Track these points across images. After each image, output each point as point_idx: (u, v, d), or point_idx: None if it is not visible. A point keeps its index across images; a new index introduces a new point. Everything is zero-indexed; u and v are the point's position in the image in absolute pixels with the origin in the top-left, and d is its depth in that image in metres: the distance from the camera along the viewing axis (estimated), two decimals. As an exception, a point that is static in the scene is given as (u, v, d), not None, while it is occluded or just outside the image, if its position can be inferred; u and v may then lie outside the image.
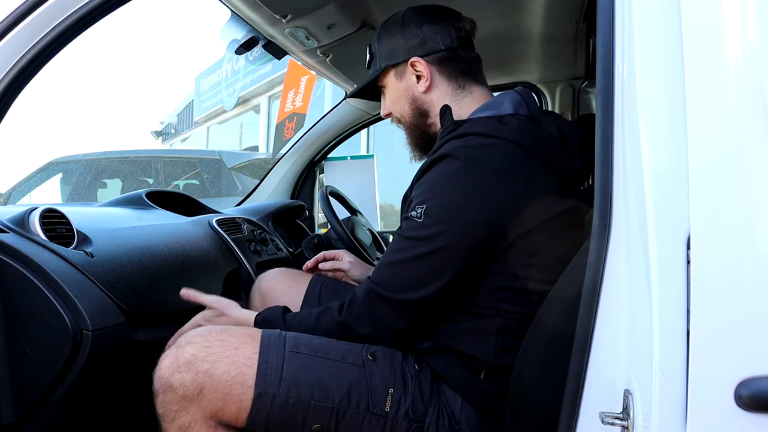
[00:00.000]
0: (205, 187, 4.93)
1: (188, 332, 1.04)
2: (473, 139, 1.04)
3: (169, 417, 0.98)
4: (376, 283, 1.04)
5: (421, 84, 1.18)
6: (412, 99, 1.20)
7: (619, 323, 0.67)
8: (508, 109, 1.11)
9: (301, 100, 7.18)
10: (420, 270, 1.01)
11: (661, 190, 0.63)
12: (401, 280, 1.02)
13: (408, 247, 1.02)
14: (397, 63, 1.19)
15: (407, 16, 1.20)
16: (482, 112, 1.13)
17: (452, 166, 1.01)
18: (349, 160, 2.48)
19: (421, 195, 1.03)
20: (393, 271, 1.04)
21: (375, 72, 1.23)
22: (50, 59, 1.09)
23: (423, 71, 1.17)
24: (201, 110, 13.22)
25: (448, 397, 1.05)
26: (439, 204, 1.00)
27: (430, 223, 1.00)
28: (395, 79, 1.21)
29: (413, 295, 1.01)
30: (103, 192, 4.97)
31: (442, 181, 1.02)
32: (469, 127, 1.07)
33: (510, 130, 1.04)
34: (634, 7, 0.68)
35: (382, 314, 1.04)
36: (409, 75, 1.18)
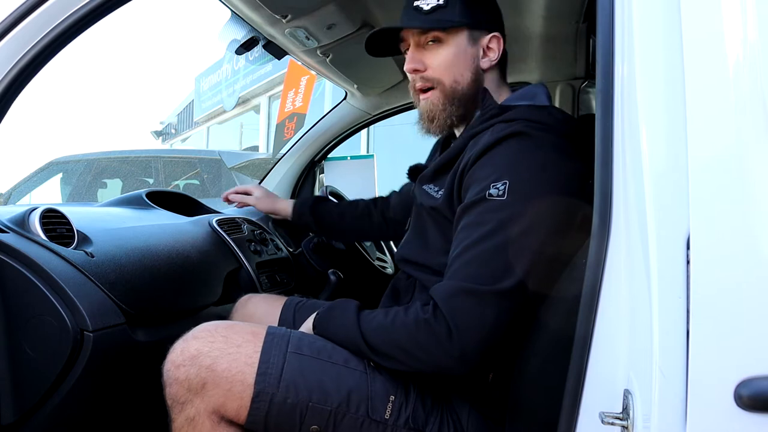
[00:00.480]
0: (205, 187, 4.93)
1: (196, 327, 1.05)
2: (532, 124, 1.01)
3: (177, 408, 1.00)
4: (463, 279, 0.92)
5: (486, 61, 1.13)
6: (475, 70, 1.12)
7: (619, 323, 0.67)
8: (544, 100, 1.11)
9: (301, 100, 7.18)
10: (516, 252, 0.92)
11: (661, 190, 0.63)
12: (496, 268, 0.91)
13: (494, 230, 0.92)
14: (479, 27, 1.11)
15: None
16: (519, 100, 1.11)
17: (528, 143, 0.98)
18: (349, 160, 2.48)
19: (495, 172, 0.96)
20: (482, 261, 0.92)
21: (451, 22, 1.09)
22: (50, 59, 1.09)
23: (495, 50, 1.12)
24: (201, 110, 13.23)
25: (454, 405, 1.04)
26: (524, 179, 0.94)
27: (519, 199, 0.93)
28: (467, 41, 1.11)
29: (509, 282, 0.91)
30: (103, 192, 4.97)
31: (520, 157, 0.97)
32: (518, 113, 1.05)
33: (558, 121, 1.04)
34: (634, 7, 0.68)
35: (473, 315, 0.90)
36: (480, 46, 1.12)
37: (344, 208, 1.71)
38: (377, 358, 0.99)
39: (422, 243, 1.13)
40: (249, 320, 1.36)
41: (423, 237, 1.14)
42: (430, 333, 0.92)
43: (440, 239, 1.08)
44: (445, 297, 0.93)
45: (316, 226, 1.76)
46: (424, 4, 1.10)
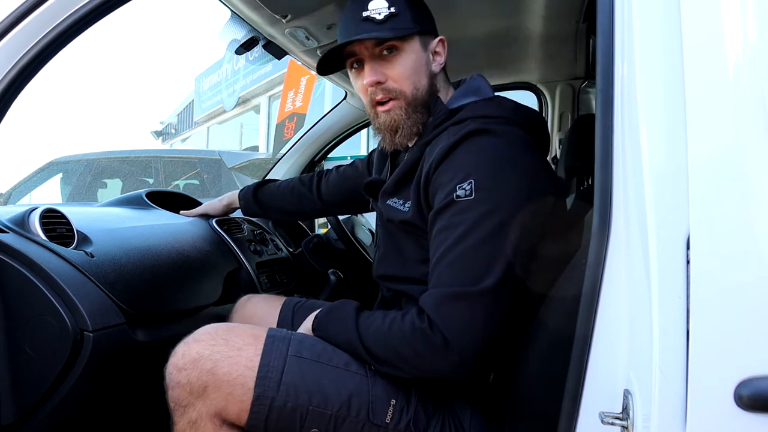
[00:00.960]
0: (205, 187, 4.93)
1: (197, 329, 1.05)
2: (486, 120, 1.01)
3: (179, 411, 1.00)
4: (448, 285, 0.92)
5: (436, 64, 1.13)
6: (430, 74, 1.12)
7: (619, 323, 0.67)
8: (489, 92, 1.11)
9: (301, 100, 7.19)
10: (493, 249, 0.92)
11: (661, 190, 0.63)
12: (478, 268, 0.91)
13: (468, 231, 0.92)
14: (428, 32, 1.12)
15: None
16: (464, 98, 1.10)
17: (489, 140, 0.98)
18: (349, 160, 2.48)
19: (460, 173, 0.96)
20: (462, 264, 0.92)
21: (407, 30, 1.07)
22: (50, 59, 1.09)
23: (442, 53, 1.14)
24: (201, 110, 13.23)
25: (456, 408, 1.04)
26: (489, 176, 0.94)
27: (486, 197, 0.93)
28: (420, 47, 1.10)
29: (492, 279, 0.91)
30: (103, 192, 4.97)
31: (482, 154, 0.97)
32: (470, 111, 1.05)
33: (509, 110, 1.05)
34: (634, 7, 0.68)
35: (464, 318, 0.90)
36: (430, 51, 1.12)
37: (283, 190, 1.73)
38: (375, 363, 0.99)
39: (399, 257, 1.13)
40: (249, 321, 1.36)
41: (399, 251, 1.13)
42: (426, 342, 0.92)
43: (418, 250, 1.08)
44: (434, 306, 0.92)
45: (262, 213, 1.78)
46: (376, 14, 1.07)
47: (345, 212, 1.81)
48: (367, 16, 1.07)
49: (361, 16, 1.08)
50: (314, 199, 1.68)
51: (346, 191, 1.63)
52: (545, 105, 2.33)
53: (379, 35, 1.06)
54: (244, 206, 1.78)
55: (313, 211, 1.73)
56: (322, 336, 1.06)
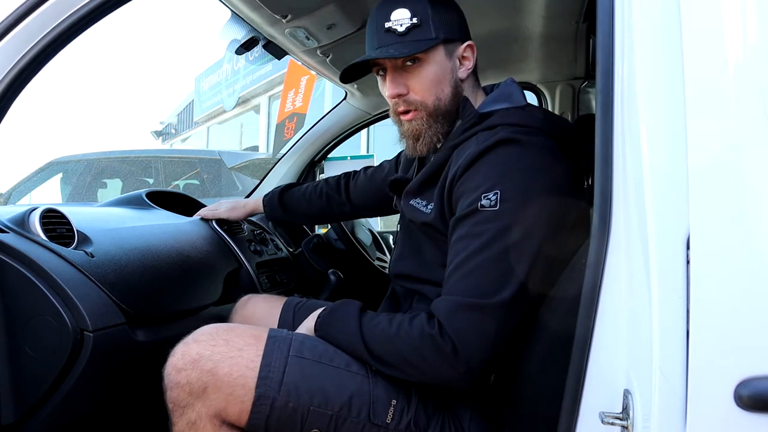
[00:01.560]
0: (205, 187, 4.93)
1: (197, 330, 1.04)
2: (515, 129, 1.00)
3: (178, 412, 0.99)
4: (463, 294, 0.92)
5: (463, 70, 1.10)
6: (455, 83, 1.10)
7: (619, 323, 0.67)
8: (521, 100, 1.10)
9: (301, 100, 7.18)
10: (512, 263, 0.91)
11: (661, 190, 0.63)
12: (495, 281, 0.91)
13: (489, 242, 0.92)
14: (453, 39, 1.09)
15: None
16: (495, 104, 1.09)
17: (516, 150, 0.97)
18: (349, 160, 2.48)
19: (486, 182, 0.95)
20: (480, 275, 0.92)
21: (430, 42, 1.05)
22: (50, 59, 1.09)
23: (470, 57, 1.11)
24: (201, 110, 13.23)
25: (456, 408, 1.04)
26: (515, 187, 0.94)
27: (511, 209, 0.92)
28: (445, 56, 1.08)
29: (509, 292, 0.91)
30: (103, 192, 4.97)
31: (510, 165, 0.96)
32: (500, 118, 1.04)
33: (539, 121, 1.03)
34: (634, 7, 0.68)
35: (477, 330, 0.90)
36: (456, 57, 1.10)
37: (310, 194, 1.70)
38: (379, 365, 0.99)
39: (418, 258, 1.13)
40: (249, 320, 1.36)
41: (418, 252, 1.13)
42: (436, 349, 0.92)
43: (437, 253, 1.08)
44: (447, 314, 0.92)
45: (289, 218, 1.76)
46: (397, 25, 1.06)
47: (374, 215, 1.75)
48: (389, 27, 1.06)
49: (384, 26, 1.07)
50: (343, 202, 1.65)
51: (375, 194, 1.59)
52: (545, 105, 2.33)
53: (394, 54, 1.04)
54: (269, 212, 1.75)
55: (342, 214, 1.69)
56: (324, 336, 1.06)
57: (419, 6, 1.06)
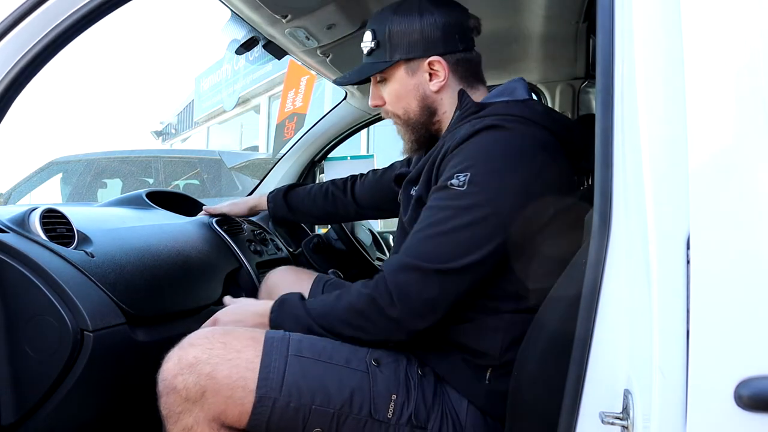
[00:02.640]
0: (205, 187, 4.93)
1: (192, 334, 1.04)
2: (508, 117, 1.02)
3: (173, 418, 0.98)
4: (412, 256, 0.98)
5: (435, 83, 1.13)
6: (422, 97, 1.15)
7: (619, 323, 0.67)
8: (524, 94, 1.11)
9: (301, 100, 7.19)
10: (462, 238, 0.96)
11: (661, 190, 0.63)
12: (442, 249, 0.97)
13: (449, 216, 0.97)
14: (412, 58, 1.13)
15: (423, 4, 1.12)
16: (497, 97, 1.12)
17: (499, 136, 1.00)
18: (349, 160, 2.48)
19: (462, 163, 0.99)
20: (431, 242, 0.98)
21: (385, 64, 1.14)
22: (50, 59, 1.09)
23: (440, 71, 1.13)
24: (201, 110, 13.23)
25: (453, 401, 1.05)
26: (485, 171, 0.97)
27: (475, 191, 0.97)
28: (406, 74, 1.14)
29: (453, 264, 0.96)
30: (103, 192, 4.97)
31: (487, 149, 0.99)
32: (496, 109, 1.05)
33: (537, 113, 1.05)
34: (634, 7, 0.68)
35: (415, 288, 0.97)
36: (423, 72, 1.13)
37: (315, 193, 1.71)
38: (332, 336, 1.04)
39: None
40: (274, 290, 1.42)
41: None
42: (371, 303, 0.99)
43: None
44: (392, 270, 0.99)
45: (292, 216, 1.77)
46: (364, 47, 1.17)
47: (381, 216, 1.75)
48: (362, 47, 1.18)
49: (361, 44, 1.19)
50: (348, 202, 1.65)
51: (383, 193, 1.59)
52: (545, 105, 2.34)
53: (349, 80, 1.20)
54: (273, 209, 1.75)
55: (347, 214, 1.70)
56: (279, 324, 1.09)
57: (381, 28, 1.14)
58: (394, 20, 1.12)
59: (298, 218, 1.83)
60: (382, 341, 1.04)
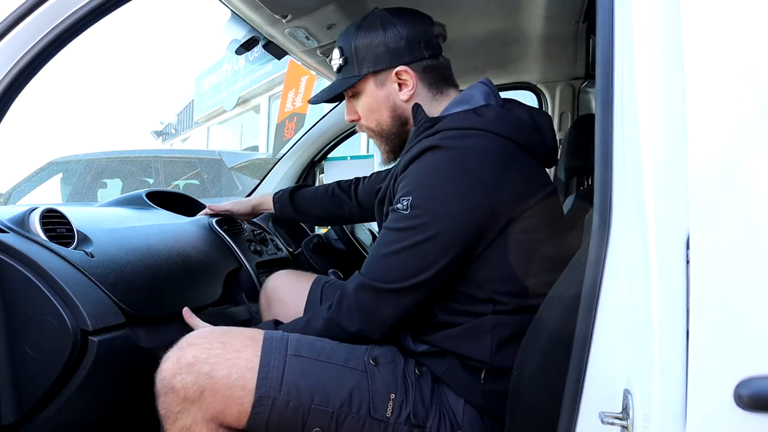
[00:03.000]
0: (205, 187, 4.93)
1: (190, 333, 1.04)
2: (452, 133, 1.03)
3: (171, 418, 0.98)
4: (365, 275, 1.05)
5: (404, 92, 1.15)
6: (392, 107, 1.17)
7: (619, 323, 0.67)
8: (480, 101, 1.12)
9: (301, 100, 7.19)
10: (409, 260, 1.01)
11: (661, 190, 0.63)
12: (391, 270, 1.02)
13: (397, 239, 1.02)
14: (379, 70, 1.15)
15: (386, 18, 1.15)
16: (454, 107, 1.13)
17: (437, 157, 1.01)
18: (349, 160, 2.48)
19: (405, 187, 1.03)
20: (382, 263, 1.04)
21: (354, 78, 1.17)
22: (50, 59, 1.09)
23: (408, 80, 1.14)
24: (201, 110, 13.23)
25: (449, 400, 1.05)
26: (425, 195, 1.00)
27: (417, 215, 1.00)
28: (375, 86, 1.17)
29: (402, 284, 1.01)
30: (103, 192, 4.97)
31: (427, 172, 1.02)
32: (446, 123, 1.07)
33: (486, 121, 1.05)
34: (634, 7, 0.68)
35: (371, 306, 1.04)
36: (391, 83, 1.15)
37: (321, 194, 1.71)
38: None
39: None
40: (274, 294, 1.45)
41: None
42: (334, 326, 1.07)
43: None
44: (352, 289, 1.06)
45: (298, 217, 1.78)
46: (333, 65, 1.21)
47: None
48: (332, 65, 1.22)
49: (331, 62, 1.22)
50: (352, 205, 1.66)
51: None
52: (545, 105, 2.33)
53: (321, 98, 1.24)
54: (279, 209, 1.75)
55: (352, 216, 1.71)
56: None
57: (346, 45, 1.17)
58: (359, 35, 1.15)
59: (304, 219, 1.84)
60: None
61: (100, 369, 1.11)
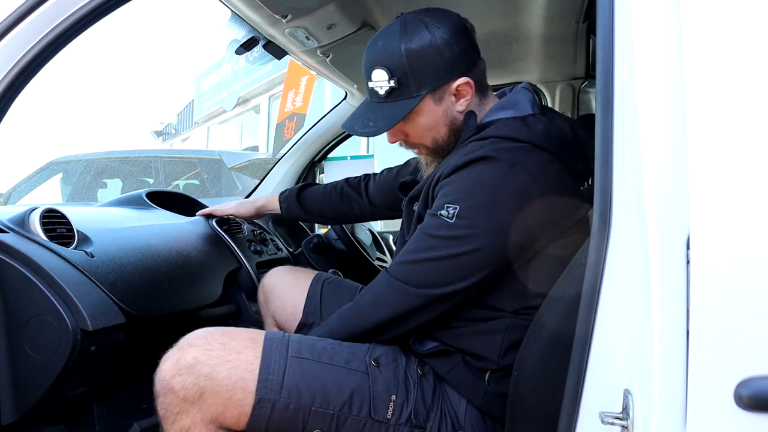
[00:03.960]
0: (205, 187, 4.93)
1: (190, 334, 1.03)
2: (503, 143, 1.00)
3: (170, 419, 0.98)
4: (400, 280, 1.02)
5: (461, 103, 1.08)
6: (451, 122, 1.09)
7: (619, 323, 0.67)
8: (527, 108, 1.08)
9: (301, 100, 7.19)
10: (446, 269, 0.99)
11: (661, 190, 0.63)
12: (426, 277, 1.01)
13: (436, 246, 1.00)
14: (438, 87, 1.06)
15: (429, 24, 1.04)
16: (499, 112, 1.09)
17: (488, 168, 0.98)
18: (349, 160, 2.48)
19: (452, 194, 1.00)
20: (418, 267, 1.01)
21: (413, 101, 1.05)
22: (50, 59, 1.09)
23: (467, 90, 1.07)
24: (201, 110, 13.23)
25: (451, 400, 1.05)
26: (473, 207, 0.98)
27: (464, 225, 0.98)
28: (433, 103, 1.07)
29: (437, 291, 1.00)
30: (103, 192, 4.97)
31: (477, 183, 0.99)
32: (495, 129, 1.03)
33: (536, 134, 1.02)
34: (634, 7, 0.68)
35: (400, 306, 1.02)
36: (449, 95, 1.07)
37: (330, 192, 1.66)
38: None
39: None
40: (273, 290, 1.42)
41: None
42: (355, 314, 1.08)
43: None
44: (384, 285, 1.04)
45: (306, 217, 1.74)
46: (378, 87, 1.07)
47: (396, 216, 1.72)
48: (372, 88, 1.08)
49: (368, 84, 1.09)
50: (363, 202, 1.62)
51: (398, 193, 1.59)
52: (545, 105, 2.33)
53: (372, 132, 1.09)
54: (285, 209, 1.70)
55: (362, 214, 1.66)
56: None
57: (396, 64, 1.04)
58: (410, 52, 1.03)
59: (312, 219, 1.80)
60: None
61: (97, 364, 1.11)
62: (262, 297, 1.47)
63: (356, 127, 1.12)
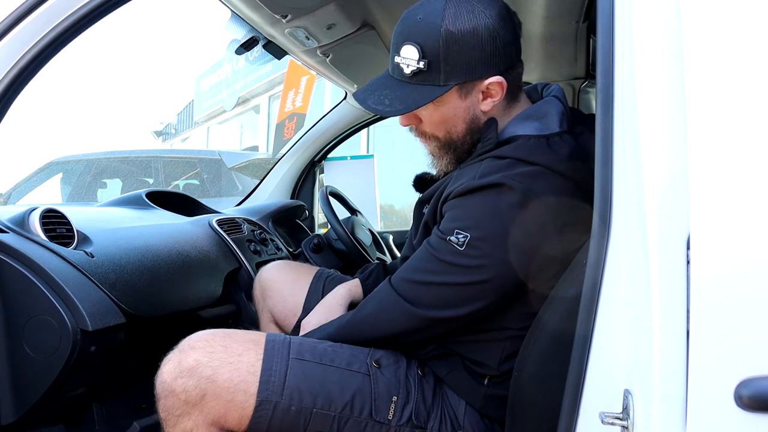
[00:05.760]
0: (205, 187, 4.93)
1: (191, 336, 1.03)
2: (521, 166, 0.94)
3: (172, 422, 0.98)
4: (405, 298, 1.01)
5: (487, 103, 1.00)
6: (471, 119, 1.02)
7: (619, 323, 0.67)
8: (554, 125, 1.00)
9: (301, 100, 7.18)
10: (455, 295, 0.98)
11: (661, 190, 0.63)
12: (433, 300, 0.99)
13: (443, 270, 0.97)
14: (468, 81, 0.98)
15: (478, 11, 0.94)
16: (524, 123, 1.01)
17: (503, 198, 0.93)
18: (349, 160, 2.48)
19: (463, 220, 0.96)
20: (425, 290, 1.00)
21: (439, 90, 0.97)
22: (50, 59, 1.09)
23: (497, 91, 0.99)
24: (201, 110, 13.23)
25: (451, 401, 1.05)
26: (484, 237, 0.94)
27: (474, 255, 0.95)
28: (458, 96, 0.99)
29: (442, 314, 0.99)
30: (103, 192, 4.97)
31: (490, 212, 0.94)
32: (515, 149, 0.97)
33: (559, 159, 0.95)
34: (634, 7, 0.68)
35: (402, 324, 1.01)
36: (477, 92, 0.99)
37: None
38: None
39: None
40: (271, 284, 1.39)
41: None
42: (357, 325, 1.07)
43: None
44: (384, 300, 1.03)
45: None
46: (404, 65, 0.98)
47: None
48: (397, 64, 0.99)
49: (394, 58, 1.00)
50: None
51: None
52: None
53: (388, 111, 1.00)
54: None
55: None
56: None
57: (432, 45, 0.94)
58: (449, 35, 0.94)
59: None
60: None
61: (97, 364, 1.11)
62: (259, 291, 1.43)
63: (369, 102, 1.02)
